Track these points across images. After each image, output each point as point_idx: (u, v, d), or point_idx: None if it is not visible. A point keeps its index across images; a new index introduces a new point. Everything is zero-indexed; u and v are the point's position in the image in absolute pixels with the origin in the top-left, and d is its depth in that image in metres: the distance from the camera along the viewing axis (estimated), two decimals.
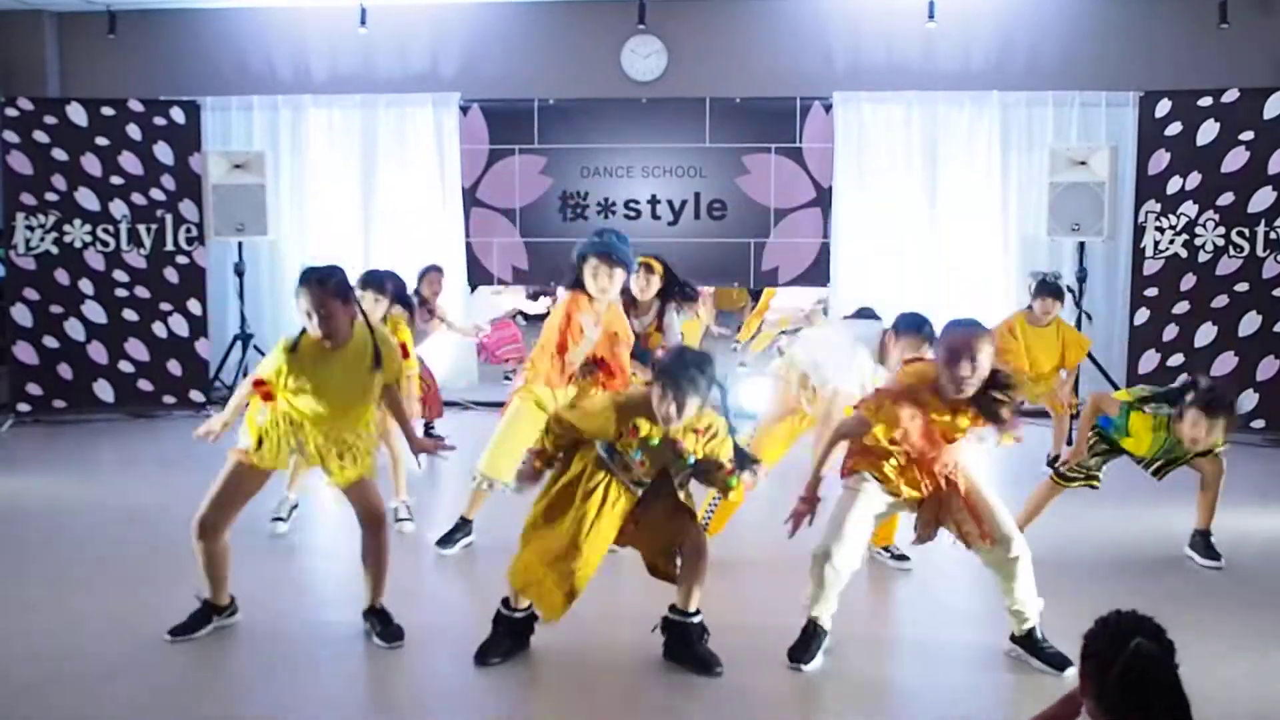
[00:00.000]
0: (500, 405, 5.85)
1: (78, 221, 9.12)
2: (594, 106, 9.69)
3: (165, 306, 9.20)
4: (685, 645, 4.29)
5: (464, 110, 9.66)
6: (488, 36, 9.90)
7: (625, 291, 6.05)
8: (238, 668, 4.32)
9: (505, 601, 4.36)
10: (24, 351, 9.09)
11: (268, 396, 4.35)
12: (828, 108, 9.42)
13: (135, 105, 9.24)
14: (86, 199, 9.11)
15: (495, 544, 5.32)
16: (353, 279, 4.67)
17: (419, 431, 8.09)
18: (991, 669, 4.43)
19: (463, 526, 5.66)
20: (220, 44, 10.10)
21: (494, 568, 4.76)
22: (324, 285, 4.22)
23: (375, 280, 6.10)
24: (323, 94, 9.83)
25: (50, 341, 9.06)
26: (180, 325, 9.22)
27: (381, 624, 4.52)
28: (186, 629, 4.47)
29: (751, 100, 9.52)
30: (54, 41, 10.22)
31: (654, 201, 9.68)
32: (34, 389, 9.12)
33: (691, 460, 4.14)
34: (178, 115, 9.30)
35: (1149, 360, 8.53)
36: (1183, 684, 2.41)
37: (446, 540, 5.64)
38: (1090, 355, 8.47)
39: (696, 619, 4.30)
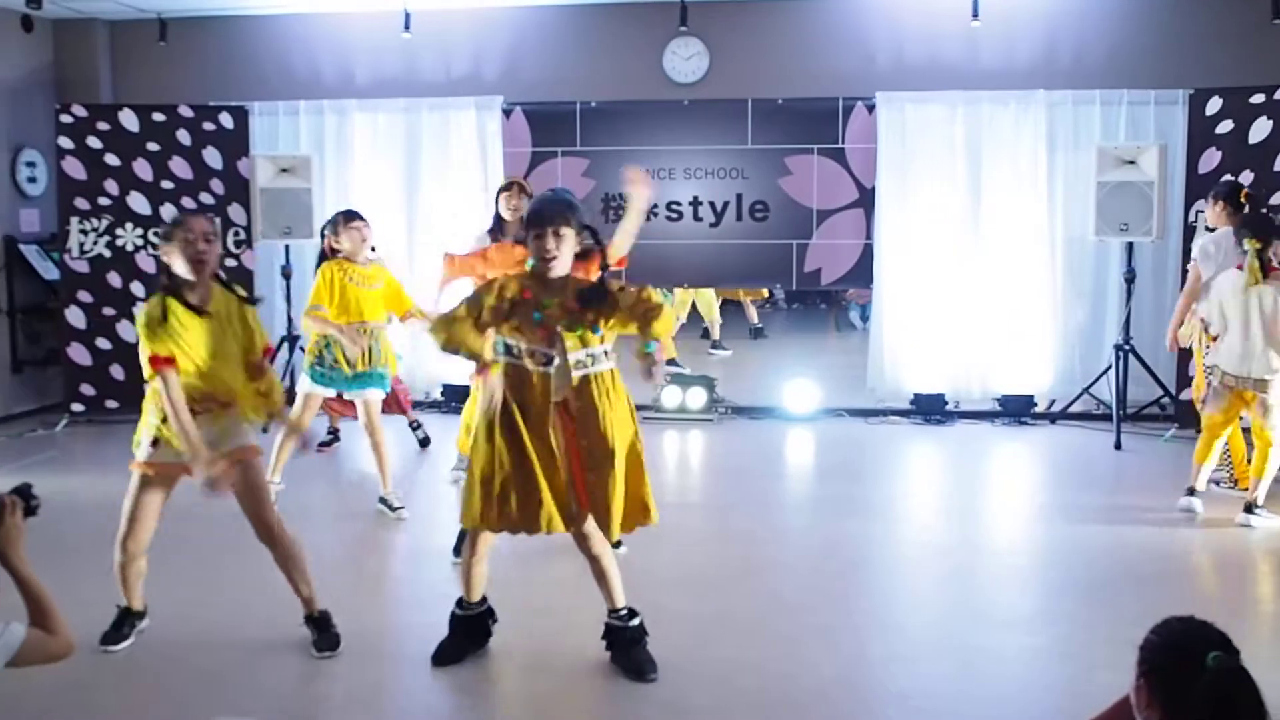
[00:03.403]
0: None
1: (129, 225, 9.27)
2: (636, 108, 9.70)
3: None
4: (622, 650, 4.30)
5: (507, 113, 9.71)
6: (530, 39, 9.95)
7: (496, 216, 6.63)
8: (290, 662, 4.37)
9: (459, 601, 4.40)
10: (78, 353, 9.25)
11: (170, 362, 4.29)
12: (870, 108, 9.37)
13: (185, 111, 9.37)
14: (138, 203, 9.27)
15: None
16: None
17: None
18: (1039, 671, 4.40)
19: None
20: (267, 50, 10.22)
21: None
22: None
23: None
24: (367, 98, 9.91)
25: (103, 343, 9.22)
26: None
27: (317, 631, 4.52)
28: (113, 638, 4.52)
29: (793, 101, 9.50)
30: (106, 49, 10.37)
31: (696, 203, 9.68)
32: (87, 389, 9.28)
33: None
34: (226, 120, 9.43)
35: None
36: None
37: (460, 550, 5.68)
38: (1138, 356, 8.40)
39: (634, 622, 4.29)
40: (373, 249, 7.61)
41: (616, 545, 4.83)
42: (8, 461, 7.91)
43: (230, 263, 9.28)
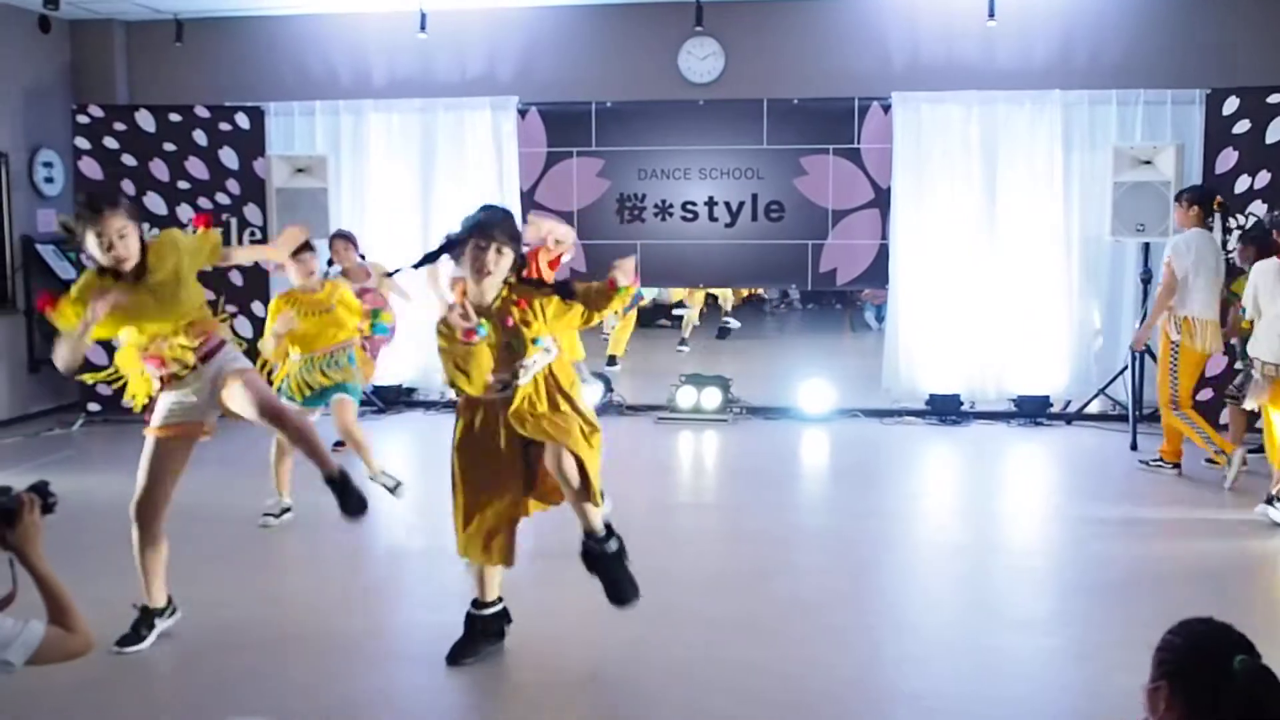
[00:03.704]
0: None
1: (146, 225, 9.24)
2: (651, 108, 9.70)
3: (230, 308, 9.28)
4: (605, 572, 4.29)
5: (522, 113, 9.72)
6: (545, 40, 9.95)
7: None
8: (302, 663, 4.39)
9: (474, 601, 4.41)
10: (94, 353, 9.25)
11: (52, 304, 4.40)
12: (886, 108, 9.35)
13: (201, 111, 9.41)
14: (154, 203, 9.31)
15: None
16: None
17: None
18: (1054, 673, 4.39)
19: None
20: (283, 50, 10.25)
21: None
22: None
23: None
24: (383, 98, 9.93)
25: (119, 343, 9.23)
26: (244, 327, 9.34)
27: (341, 494, 4.44)
28: (131, 640, 4.49)
29: (809, 101, 9.49)
30: (123, 50, 10.42)
31: (711, 203, 9.67)
32: (103, 389, 9.28)
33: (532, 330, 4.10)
34: (242, 121, 9.46)
35: (1215, 363, 8.38)
36: None
37: None
38: (1154, 357, 8.35)
39: (612, 545, 4.28)
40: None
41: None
42: (24, 460, 7.95)
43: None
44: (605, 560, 4.28)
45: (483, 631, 4.42)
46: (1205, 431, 7.22)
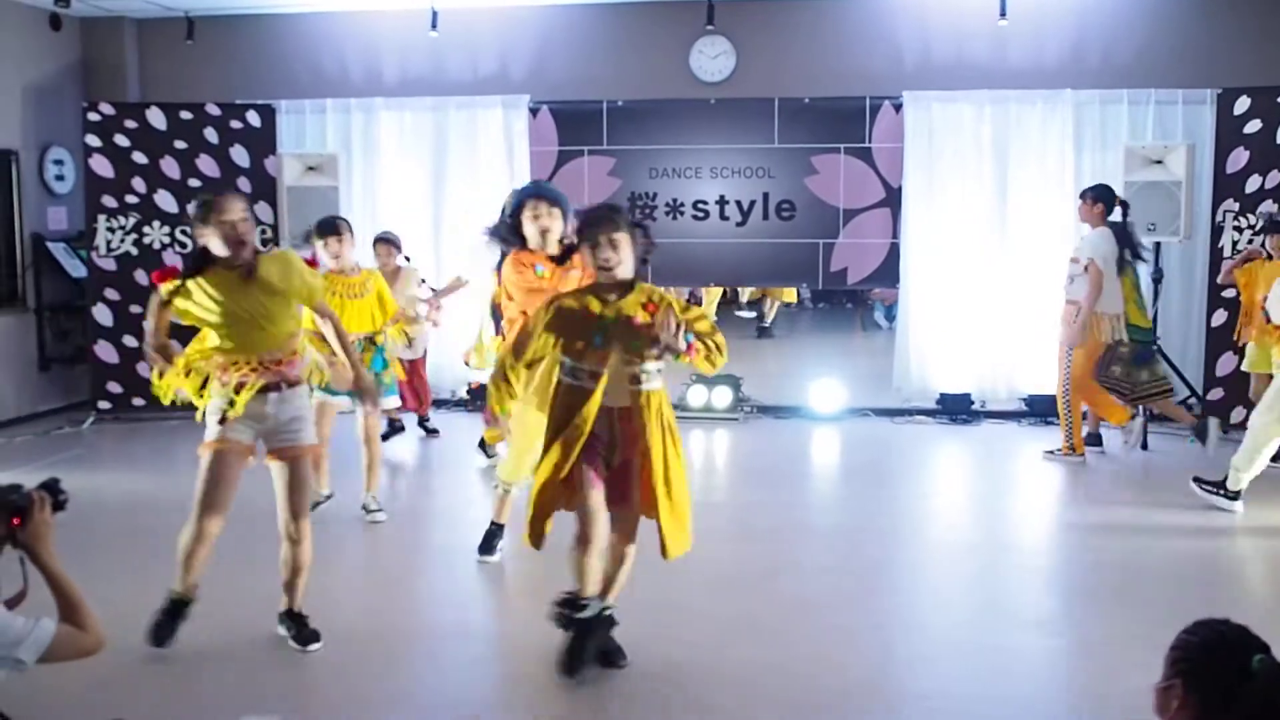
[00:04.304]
0: None
1: (157, 223, 9.33)
2: (662, 107, 9.69)
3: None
4: (581, 635, 4.22)
5: (533, 112, 9.72)
6: (557, 39, 9.95)
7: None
8: (316, 662, 4.39)
9: (570, 602, 4.24)
10: (105, 351, 9.31)
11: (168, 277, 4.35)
12: (897, 107, 9.34)
13: (212, 109, 9.43)
14: (165, 201, 9.33)
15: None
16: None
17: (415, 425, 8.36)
18: (1062, 673, 4.38)
19: (498, 532, 5.70)
20: (294, 48, 10.26)
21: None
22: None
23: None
24: (394, 96, 9.94)
25: (130, 341, 9.26)
26: None
27: (297, 627, 4.53)
28: (166, 632, 4.44)
29: (820, 100, 9.47)
30: (134, 47, 10.44)
31: (722, 202, 9.66)
32: (114, 387, 9.34)
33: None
34: (253, 119, 9.48)
35: (1227, 363, 8.36)
36: None
37: (486, 548, 5.68)
38: (1165, 356, 8.33)
39: (591, 613, 4.22)
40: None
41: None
42: (35, 459, 7.96)
43: None
44: (584, 624, 4.20)
45: (592, 631, 4.23)
46: (1074, 425, 7.66)
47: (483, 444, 7.76)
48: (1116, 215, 7.72)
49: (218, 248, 4.26)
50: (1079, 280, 7.56)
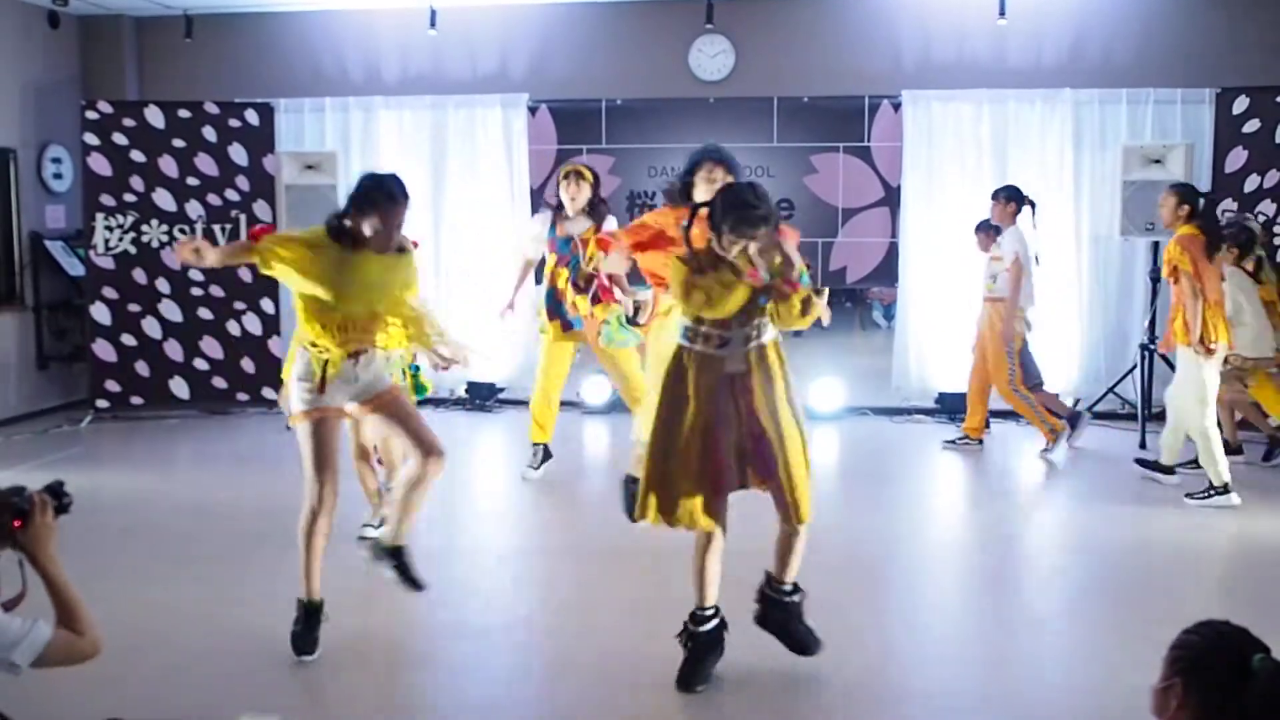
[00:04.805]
0: None
1: (155, 222, 9.31)
2: (661, 106, 9.69)
3: (239, 305, 9.36)
4: (777, 622, 4.24)
5: (532, 111, 9.71)
6: (556, 37, 9.94)
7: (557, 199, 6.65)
8: (316, 662, 4.38)
9: (693, 616, 4.15)
10: (103, 349, 9.30)
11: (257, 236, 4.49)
12: (896, 106, 9.34)
13: (211, 108, 9.41)
14: (163, 200, 9.31)
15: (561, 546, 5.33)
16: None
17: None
18: (1064, 672, 4.38)
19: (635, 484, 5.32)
20: (293, 47, 10.25)
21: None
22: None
23: None
24: (393, 95, 9.92)
25: (128, 339, 9.27)
26: (253, 324, 9.37)
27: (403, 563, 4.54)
28: (309, 641, 4.41)
29: (819, 99, 9.47)
30: (133, 46, 10.42)
31: None
32: (112, 386, 9.33)
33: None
34: (252, 117, 9.46)
35: None
36: None
37: (630, 509, 5.31)
38: (1163, 356, 8.33)
39: (794, 597, 4.23)
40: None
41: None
42: (33, 458, 7.95)
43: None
44: (782, 610, 4.21)
45: (711, 646, 4.14)
46: (1040, 410, 7.86)
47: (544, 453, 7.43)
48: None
49: (372, 232, 4.42)
50: (1002, 278, 7.82)
